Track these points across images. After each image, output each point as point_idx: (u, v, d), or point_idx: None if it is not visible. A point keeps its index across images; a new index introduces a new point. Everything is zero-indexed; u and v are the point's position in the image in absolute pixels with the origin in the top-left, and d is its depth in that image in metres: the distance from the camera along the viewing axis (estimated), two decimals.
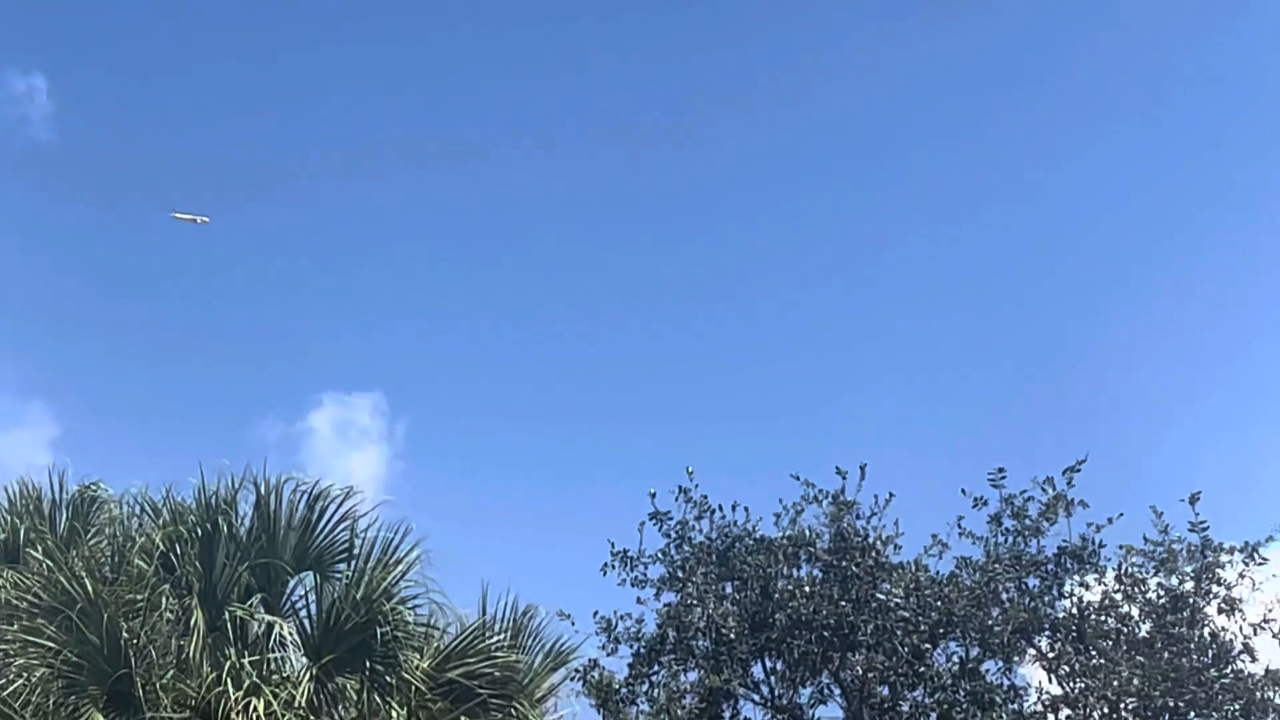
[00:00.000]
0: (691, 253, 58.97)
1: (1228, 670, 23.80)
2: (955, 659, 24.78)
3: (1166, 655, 23.81)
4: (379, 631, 16.64)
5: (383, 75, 60.66)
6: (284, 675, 16.65)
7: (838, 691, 25.21)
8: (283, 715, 15.61)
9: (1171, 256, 56.37)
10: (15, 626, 15.96)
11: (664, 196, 59.71)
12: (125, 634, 15.80)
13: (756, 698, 25.30)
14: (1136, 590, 24.79)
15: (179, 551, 16.97)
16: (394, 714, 16.65)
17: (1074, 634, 24.51)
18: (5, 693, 15.35)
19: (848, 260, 57.74)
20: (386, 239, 59.48)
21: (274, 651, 16.95)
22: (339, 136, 60.21)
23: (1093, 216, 56.94)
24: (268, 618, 16.94)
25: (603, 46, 59.65)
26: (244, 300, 58.40)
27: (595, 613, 25.56)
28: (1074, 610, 24.80)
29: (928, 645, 24.43)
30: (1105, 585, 24.91)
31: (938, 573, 25.05)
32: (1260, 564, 24.41)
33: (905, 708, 24.48)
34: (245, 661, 16.06)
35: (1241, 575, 24.47)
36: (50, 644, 15.70)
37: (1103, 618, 24.67)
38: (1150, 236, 56.39)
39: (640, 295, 58.44)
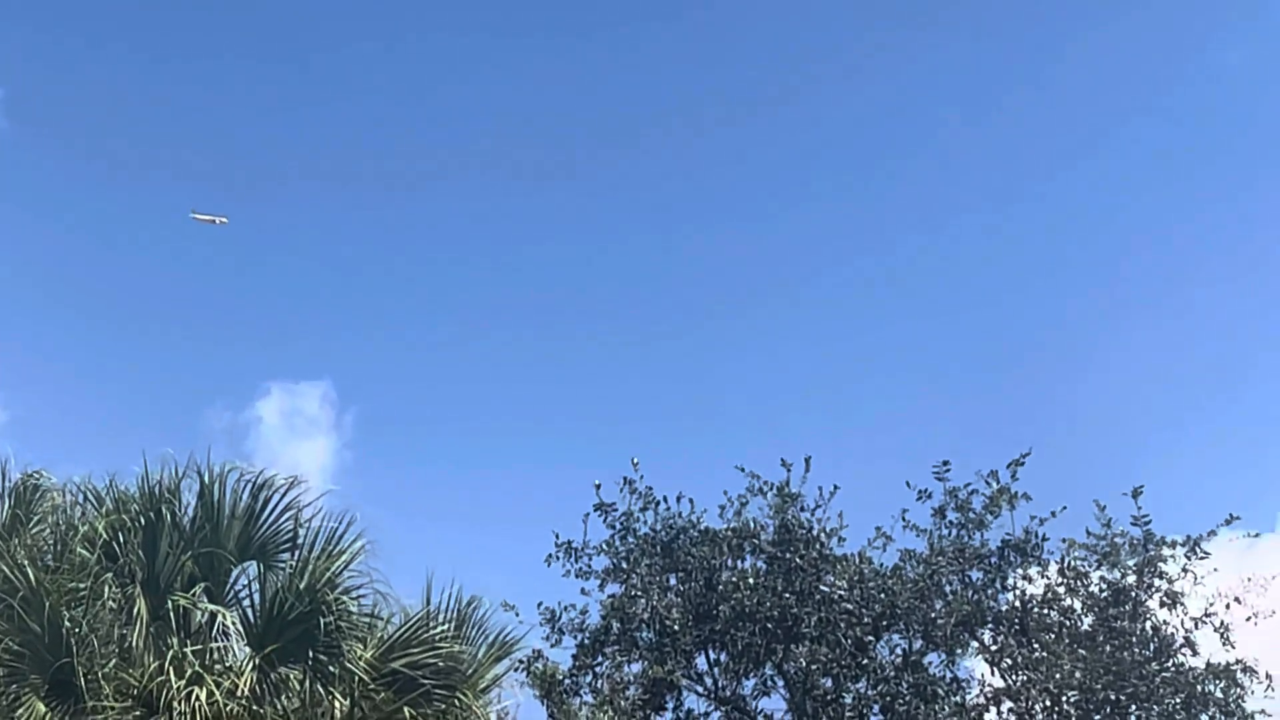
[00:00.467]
0: (638, 247, 58.99)
1: (1169, 664, 23.94)
2: (898, 651, 24.85)
3: (1108, 648, 23.94)
4: (322, 621, 16.54)
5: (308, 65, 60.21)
6: (227, 665, 16.57)
7: (781, 683, 25.22)
8: (225, 704, 15.52)
9: (1115, 254, 56.72)
10: None
11: (612, 190, 59.67)
12: (67, 623, 15.66)
13: (700, 689, 25.30)
14: (1079, 583, 24.89)
15: (122, 540, 16.83)
16: (337, 704, 16.60)
17: (1017, 627, 24.60)
18: None
19: (796, 257, 57.75)
20: (335, 228, 59.18)
21: (217, 641, 16.84)
22: (290, 131, 59.77)
23: (1037, 214, 57.19)
24: (211, 607, 16.83)
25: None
26: (191, 288, 57.98)
27: (539, 604, 25.52)
28: (1017, 603, 24.88)
29: (871, 637, 24.47)
30: (1048, 578, 25.00)
31: (881, 565, 25.09)
32: (1202, 558, 24.56)
33: (848, 700, 24.48)
34: (188, 651, 15.98)
35: (1184, 569, 24.59)
36: None
37: (1045, 611, 24.77)
38: (1093, 233, 56.67)
39: (588, 287, 58.45)
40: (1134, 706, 23.43)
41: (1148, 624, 24.52)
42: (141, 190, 57.43)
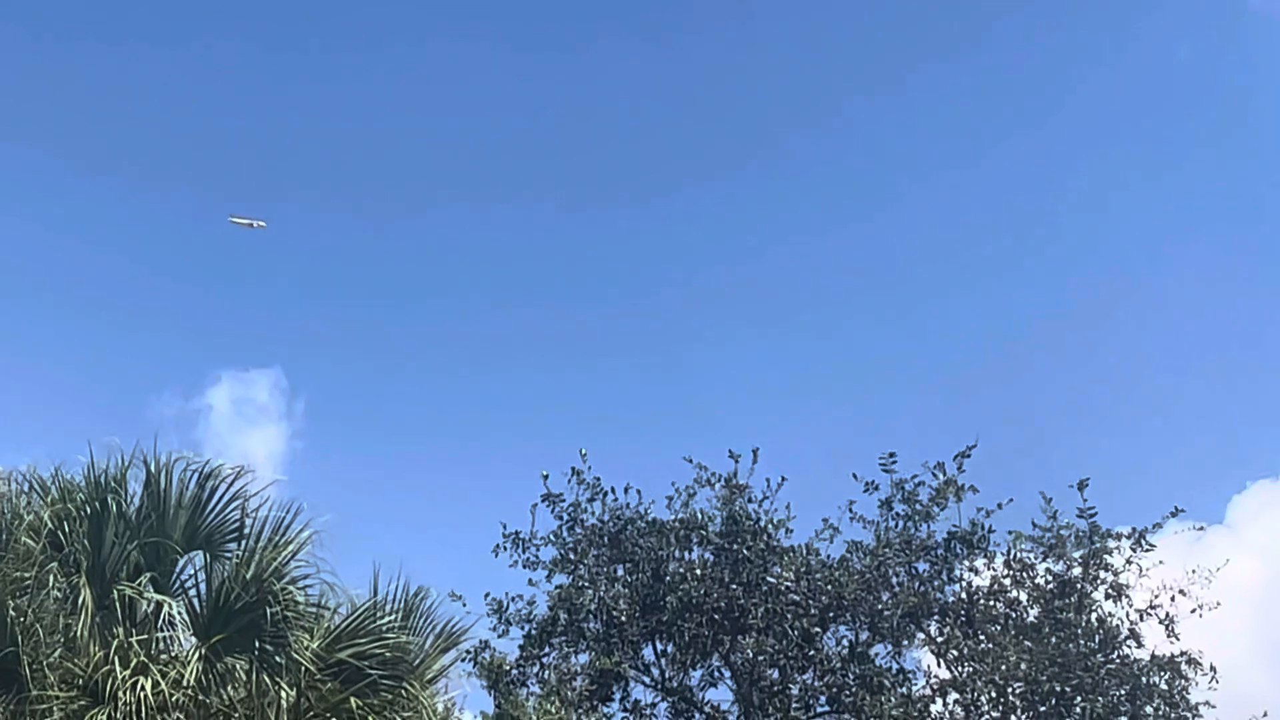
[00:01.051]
0: (586, 236, 58.88)
1: (1114, 655, 24.14)
2: (845, 642, 24.95)
3: (1054, 640, 24.08)
4: (269, 611, 16.41)
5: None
6: (172, 655, 16.41)
7: (728, 674, 25.31)
8: (171, 695, 15.37)
9: (1062, 243, 56.91)
10: None
11: (559, 180, 59.55)
12: (12, 612, 15.50)
13: (647, 680, 25.34)
14: (1025, 575, 25.04)
15: (67, 529, 16.66)
16: (283, 695, 16.47)
17: (963, 618, 24.71)
18: None
19: (747, 247, 57.73)
20: (288, 213, 58.75)
21: (163, 631, 16.69)
22: (247, 120, 59.35)
23: (986, 209, 57.42)
24: (156, 597, 16.67)
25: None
26: (139, 273, 57.47)
27: (487, 594, 25.53)
28: (963, 595, 25.02)
29: (818, 629, 24.55)
30: (994, 570, 25.14)
31: (828, 556, 25.19)
32: (1147, 550, 24.76)
33: (795, 690, 24.59)
34: (133, 640, 15.81)
35: (1129, 561, 24.79)
36: None
37: (991, 603, 24.89)
38: (1041, 220, 56.84)
39: (538, 279, 58.23)
40: (1079, 698, 23.57)
41: (1093, 616, 24.68)
42: (89, 174, 56.83)
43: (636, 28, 59.46)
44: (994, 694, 24.05)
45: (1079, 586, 24.64)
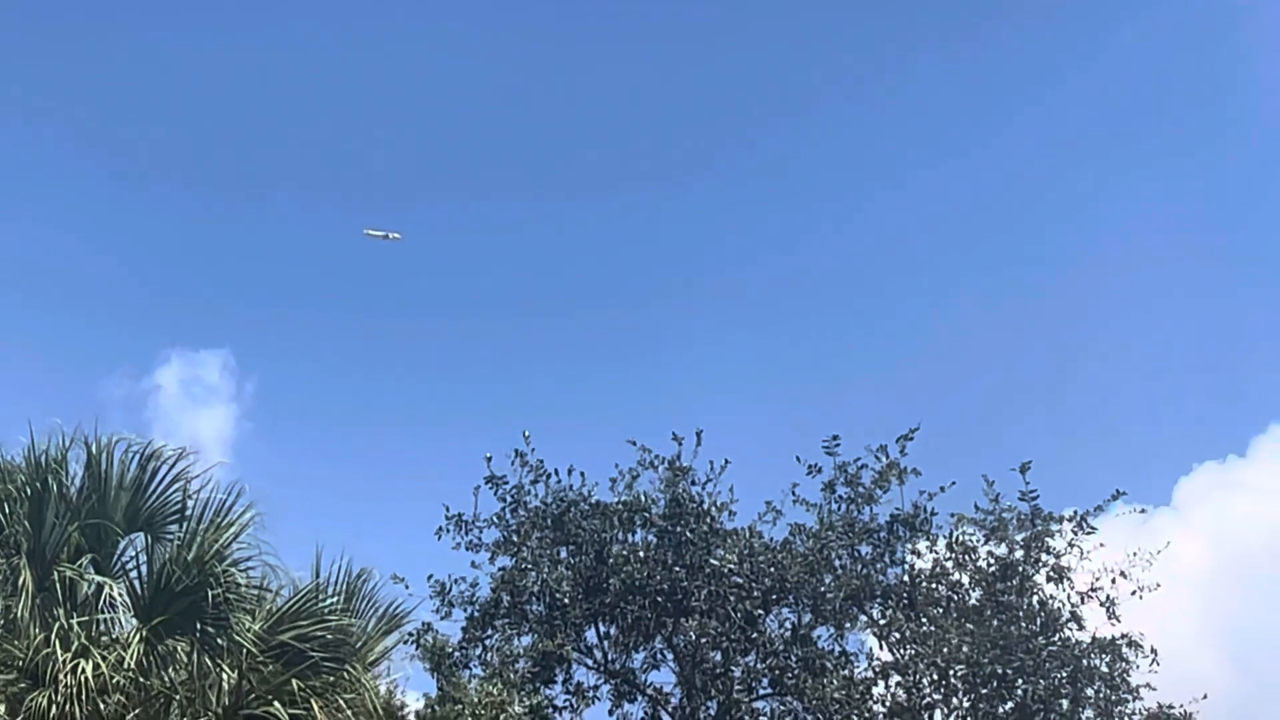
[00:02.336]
0: (534, 225, 58.82)
1: (1055, 638, 24.24)
2: (787, 625, 25.01)
3: (996, 623, 24.17)
4: (210, 593, 16.28)
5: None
6: (113, 637, 16.28)
7: (670, 656, 25.30)
8: (111, 677, 15.26)
9: (1009, 232, 57.19)
10: None
11: (507, 165, 59.45)
12: None
13: (590, 662, 25.31)
14: (967, 558, 25.13)
15: (7, 510, 16.52)
16: (224, 676, 16.37)
17: (905, 601, 24.79)
18: None
19: (689, 233, 57.78)
20: (238, 193, 58.34)
21: (104, 613, 16.53)
22: (202, 101, 58.90)
23: (927, 194, 57.61)
24: (97, 578, 16.53)
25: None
26: (90, 252, 56.91)
27: (430, 576, 25.45)
28: (905, 578, 25.09)
29: (760, 611, 24.58)
30: (936, 553, 25.22)
31: (771, 539, 25.26)
32: (1089, 533, 24.89)
33: (737, 673, 24.58)
34: (74, 622, 15.68)
35: (1070, 544, 24.91)
36: None
37: (933, 585, 24.98)
38: (988, 211, 57.16)
39: (483, 264, 58.11)
40: (1020, 680, 23.69)
41: (1034, 598, 24.80)
42: (37, 153, 56.26)
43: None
44: (936, 676, 24.11)
45: (1021, 569, 24.74)
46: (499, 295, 56.37)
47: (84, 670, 15.04)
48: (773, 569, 24.55)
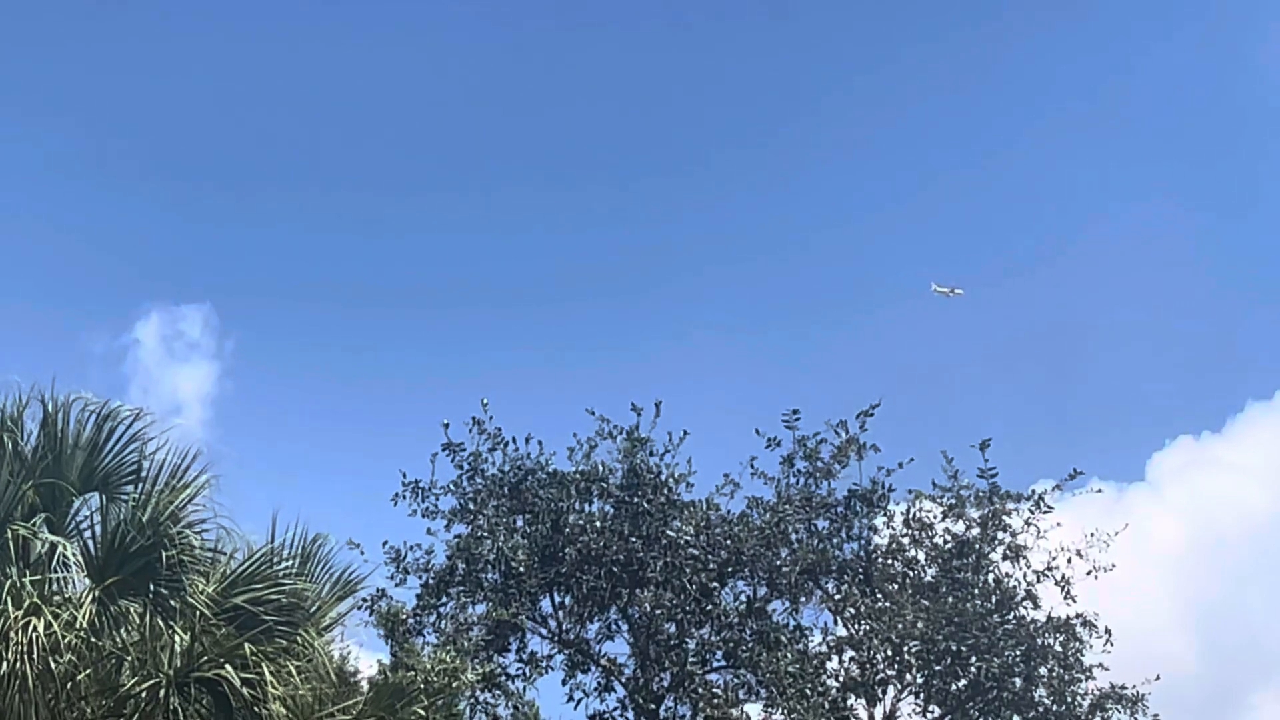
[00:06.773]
0: (499, 195, 58.46)
1: (1010, 616, 24.33)
2: (743, 598, 25.00)
3: (951, 600, 24.22)
4: (164, 555, 16.14)
5: None
6: (66, 596, 16.14)
7: (625, 627, 25.26)
8: (63, 636, 15.12)
9: (980, 199, 57.10)
10: None
11: (482, 137, 59.21)
12: None
13: (544, 631, 25.25)
14: (924, 535, 25.18)
15: None
16: (177, 638, 16.27)
17: (861, 576, 24.83)
18: None
19: (652, 196, 57.50)
20: (221, 145, 57.70)
21: (56, 572, 16.39)
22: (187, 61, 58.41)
23: (891, 158, 57.49)
24: (51, 538, 16.35)
25: None
26: (69, 205, 56.13)
27: (385, 543, 25.32)
28: (862, 553, 25.11)
29: (716, 584, 24.54)
30: (893, 529, 25.27)
31: (728, 512, 25.23)
32: (1046, 512, 24.96)
33: (691, 645, 24.58)
34: (26, 581, 15.53)
35: (1027, 523, 24.98)
36: None
37: (889, 561, 25.05)
38: (958, 177, 57.12)
39: (453, 224, 57.70)
40: (974, 658, 23.74)
41: (990, 576, 24.89)
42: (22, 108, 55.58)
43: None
44: (890, 652, 24.18)
45: (977, 547, 24.81)
46: (464, 260, 56.00)
47: (35, 629, 14.88)
48: (729, 541, 24.52)
